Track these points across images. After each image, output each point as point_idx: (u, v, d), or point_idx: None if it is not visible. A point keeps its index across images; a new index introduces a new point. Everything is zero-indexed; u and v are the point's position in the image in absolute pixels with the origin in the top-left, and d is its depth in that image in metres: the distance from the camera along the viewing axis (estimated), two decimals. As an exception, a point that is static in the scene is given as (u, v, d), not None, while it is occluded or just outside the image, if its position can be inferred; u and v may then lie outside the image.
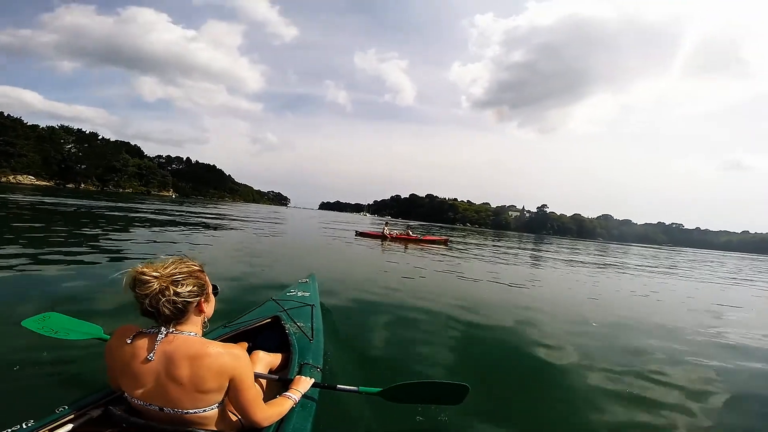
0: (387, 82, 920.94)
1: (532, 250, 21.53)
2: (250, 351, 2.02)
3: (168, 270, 1.23)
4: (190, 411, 1.23)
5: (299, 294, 3.35)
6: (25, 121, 65.48)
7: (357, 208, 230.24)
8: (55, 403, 1.37)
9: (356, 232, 18.95)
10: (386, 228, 18.22)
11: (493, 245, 21.00)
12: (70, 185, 69.25)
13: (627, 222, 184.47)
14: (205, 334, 1.36)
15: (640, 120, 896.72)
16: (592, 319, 5.32)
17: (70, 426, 1.30)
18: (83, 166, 74.67)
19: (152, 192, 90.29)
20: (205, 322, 1.38)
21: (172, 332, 1.24)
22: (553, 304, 6.37)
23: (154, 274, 1.20)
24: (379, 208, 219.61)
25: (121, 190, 79.56)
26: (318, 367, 2.06)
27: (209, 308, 1.38)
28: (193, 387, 1.21)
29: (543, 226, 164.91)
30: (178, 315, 1.24)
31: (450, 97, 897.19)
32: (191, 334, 1.27)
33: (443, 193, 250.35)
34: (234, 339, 2.25)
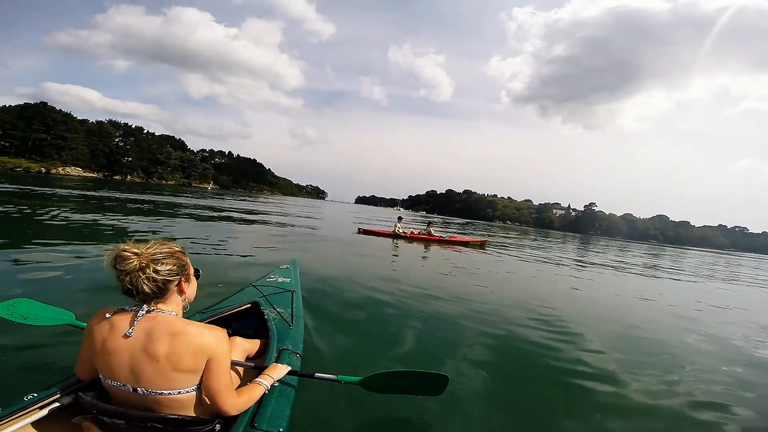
0: (423, 77, 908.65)
1: (584, 251, 18.43)
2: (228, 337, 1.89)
3: (149, 250, 1.26)
4: (164, 392, 1.21)
5: (280, 280, 3.25)
6: (75, 116, 68.86)
7: (391, 203, 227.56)
8: (24, 390, 1.35)
9: (359, 229, 14.65)
10: (398, 225, 14.18)
11: (539, 245, 18.10)
12: (117, 177, 72.32)
13: (684, 224, 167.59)
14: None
15: (696, 117, 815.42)
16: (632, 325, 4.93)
17: (39, 414, 1.28)
18: (129, 159, 77.88)
19: (193, 184, 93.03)
20: (185, 305, 1.39)
21: (153, 310, 1.25)
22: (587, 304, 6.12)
23: (135, 251, 1.23)
24: (413, 203, 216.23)
25: (164, 182, 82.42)
26: (297, 353, 2.04)
27: (190, 290, 1.40)
28: (170, 365, 1.19)
29: (590, 226, 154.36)
30: (158, 293, 1.26)
31: (489, 92, 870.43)
32: (172, 313, 1.28)
33: (482, 189, 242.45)
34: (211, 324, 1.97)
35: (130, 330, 1.20)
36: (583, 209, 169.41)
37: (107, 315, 1.25)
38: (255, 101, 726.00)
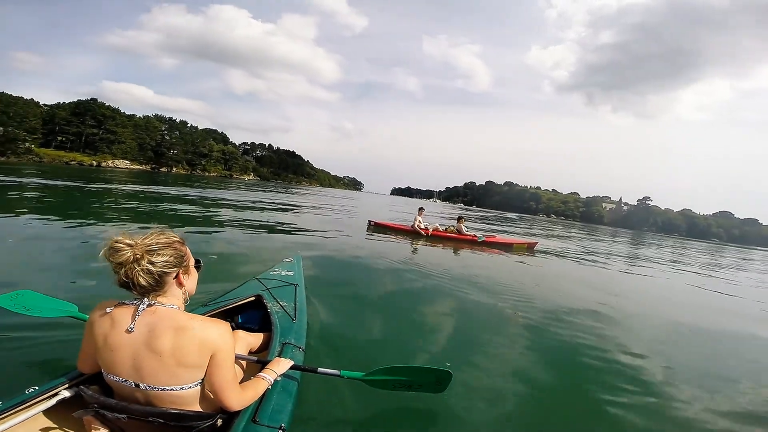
0: (458, 67, 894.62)
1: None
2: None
3: (145, 240, 1.22)
4: (167, 388, 1.19)
5: (283, 273, 3.23)
6: (123, 111, 72.19)
7: (428, 195, 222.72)
8: (25, 383, 1.34)
9: (370, 222, 11.96)
10: (419, 217, 11.15)
11: (598, 245, 15.49)
12: (163, 169, 75.19)
13: (751, 221, 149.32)
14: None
15: (763, 106, 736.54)
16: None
17: (40, 407, 1.28)
18: (174, 152, 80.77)
19: (234, 175, 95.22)
20: (186, 298, 1.35)
21: (153, 304, 1.22)
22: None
23: (129, 242, 1.19)
24: (450, 195, 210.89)
25: (207, 174, 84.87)
26: (300, 347, 2.04)
27: (190, 282, 1.35)
28: (174, 360, 1.17)
29: (644, 222, 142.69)
30: (155, 286, 1.22)
31: (530, 81, 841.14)
32: (173, 306, 1.25)
33: (524, 181, 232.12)
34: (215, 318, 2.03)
35: (132, 325, 1.17)
36: (636, 203, 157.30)
37: (108, 309, 1.22)
38: (294, 95, 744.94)
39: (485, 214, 51.64)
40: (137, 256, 1.17)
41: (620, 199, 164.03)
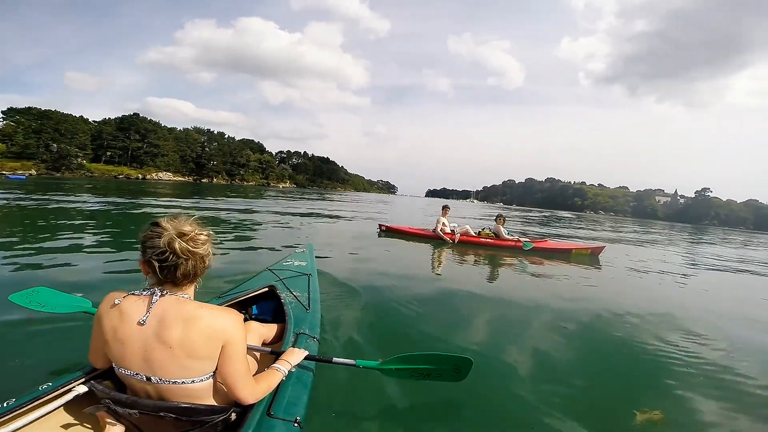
0: (489, 65, 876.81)
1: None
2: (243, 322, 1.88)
3: (200, 239, 1.19)
4: (179, 381, 1.15)
5: (296, 263, 3.20)
6: (164, 125, 75.12)
7: (464, 195, 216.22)
8: (39, 379, 1.33)
9: (379, 226, 9.81)
10: (442, 218, 8.63)
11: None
12: (204, 180, 77.29)
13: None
14: None
15: None
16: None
17: (54, 403, 1.26)
18: (214, 163, 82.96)
19: (271, 184, 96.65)
20: (197, 285, 1.32)
21: (166, 294, 1.18)
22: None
23: (206, 233, 1.20)
24: (488, 194, 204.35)
25: (245, 183, 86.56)
26: (315, 337, 2.03)
27: None
28: (183, 351, 1.12)
29: (704, 215, 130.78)
30: (192, 278, 1.21)
31: (565, 74, 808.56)
32: (186, 296, 1.21)
33: (567, 177, 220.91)
34: None
35: (144, 317, 1.13)
36: (693, 195, 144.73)
37: (116, 301, 1.17)
38: (326, 102, 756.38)
39: (530, 214, 46.39)
40: (198, 257, 1.17)
41: (675, 191, 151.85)
